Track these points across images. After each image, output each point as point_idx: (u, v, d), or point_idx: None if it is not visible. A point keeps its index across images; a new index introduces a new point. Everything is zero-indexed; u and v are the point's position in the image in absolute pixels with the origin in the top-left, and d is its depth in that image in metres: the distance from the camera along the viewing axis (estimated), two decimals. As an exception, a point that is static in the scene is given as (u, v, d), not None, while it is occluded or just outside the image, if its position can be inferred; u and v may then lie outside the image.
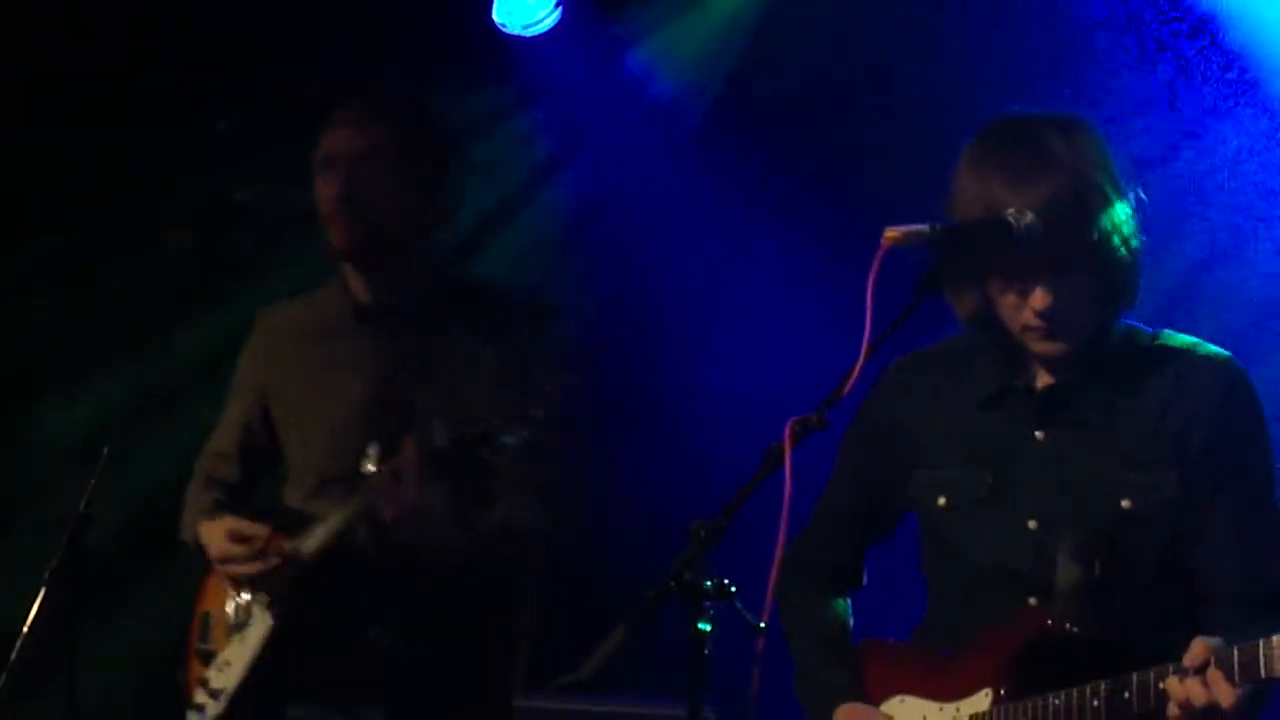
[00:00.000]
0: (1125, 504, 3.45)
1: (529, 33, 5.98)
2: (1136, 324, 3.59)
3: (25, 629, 3.95)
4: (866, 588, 3.89)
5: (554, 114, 6.19)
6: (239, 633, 4.52)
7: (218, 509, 4.58)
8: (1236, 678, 3.16)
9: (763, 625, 3.08)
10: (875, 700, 3.62)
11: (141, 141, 6.07)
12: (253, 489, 4.73)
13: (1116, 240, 3.40)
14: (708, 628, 3.08)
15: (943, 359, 3.70)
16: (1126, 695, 3.25)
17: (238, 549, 4.41)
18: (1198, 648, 3.21)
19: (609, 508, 5.90)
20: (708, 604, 3.09)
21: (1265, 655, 3.14)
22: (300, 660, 4.46)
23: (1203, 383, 3.49)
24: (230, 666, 4.51)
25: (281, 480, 4.66)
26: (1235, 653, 3.17)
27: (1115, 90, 5.29)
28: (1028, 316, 3.44)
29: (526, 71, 6.10)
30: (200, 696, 4.54)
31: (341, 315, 4.57)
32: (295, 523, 4.47)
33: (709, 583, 3.09)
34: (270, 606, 4.46)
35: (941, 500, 3.61)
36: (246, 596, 4.52)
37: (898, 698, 3.59)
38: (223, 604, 4.58)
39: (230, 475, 4.70)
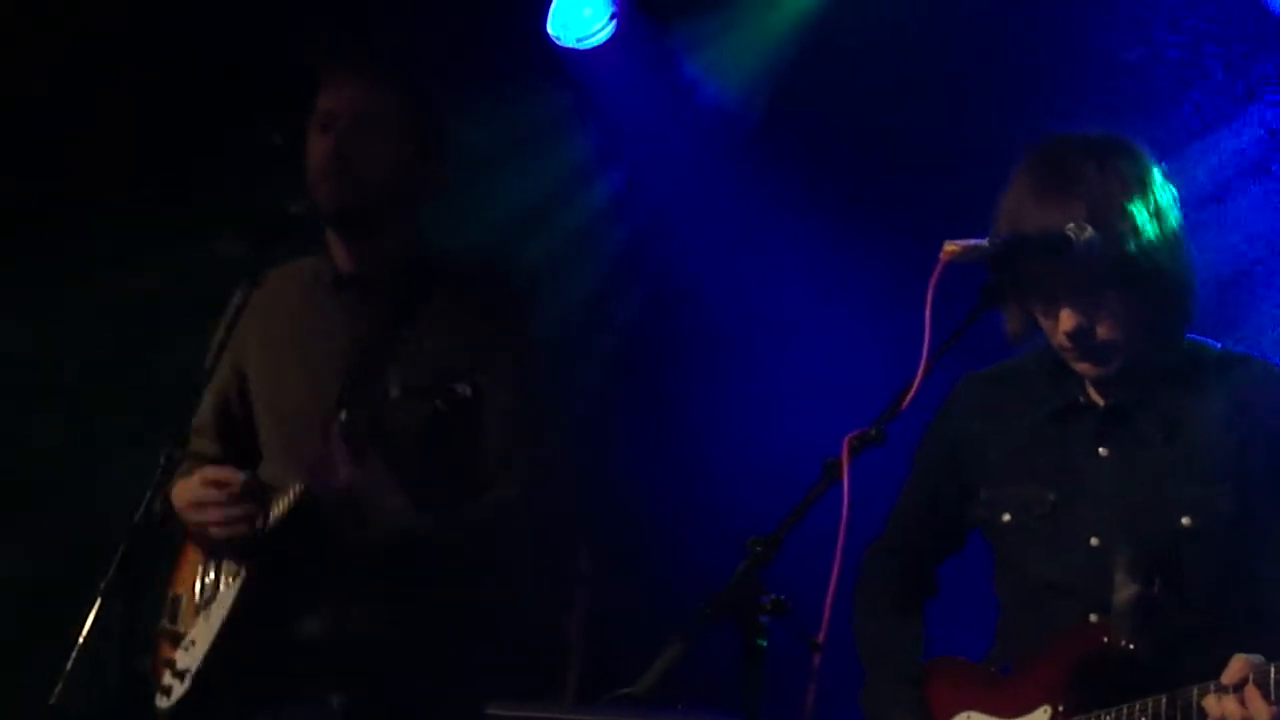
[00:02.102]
0: (1185, 521, 3.44)
1: (583, 45, 5.99)
2: (1201, 339, 3.58)
3: (81, 640, 3.94)
4: (954, 607, 3.88)
5: (606, 124, 6.18)
6: (204, 610, 4.41)
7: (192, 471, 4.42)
8: (1273, 695, 3.14)
9: (819, 642, 3.07)
10: (940, 717, 3.61)
11: (196, 150, 6.09)
12: (225, 461, 4.52)
13: (1147, 260, 3.39)
14: (764, 644, 3.07)
15: (1010, 376, 3.71)
16: (1172, 713, 3.24)
17: (212, 493, 4.27)
18: (1236, 664, 3.21)
19: (666, 521, 5.90)
20: (764, 620, 3.08)
21: None
22: (263, 638, 4.32)
23: (1265, 397, 3.48)
24: (195, 646, 4.39)
25: (257, 456, 4.52)
26: (1272, 670, 3.15)
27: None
28: (1060, 339, 3.45)
29: (579, 82, 6.10)
30: (167, 679, 4.43)
31: (321, 284, 4.44)
32: (265, 495, 4.33)
33: (765, 598, 3.08)
34: (235, 578, 4.33)
35: (1006, 517, 3.61)
36: (213, 574, 4.40)
37: (963, 714, 3.59)
38: (191, 585, 4.48)
39: (209, 450, 4.54)
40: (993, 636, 3.72)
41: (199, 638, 4.41)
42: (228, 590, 4.37)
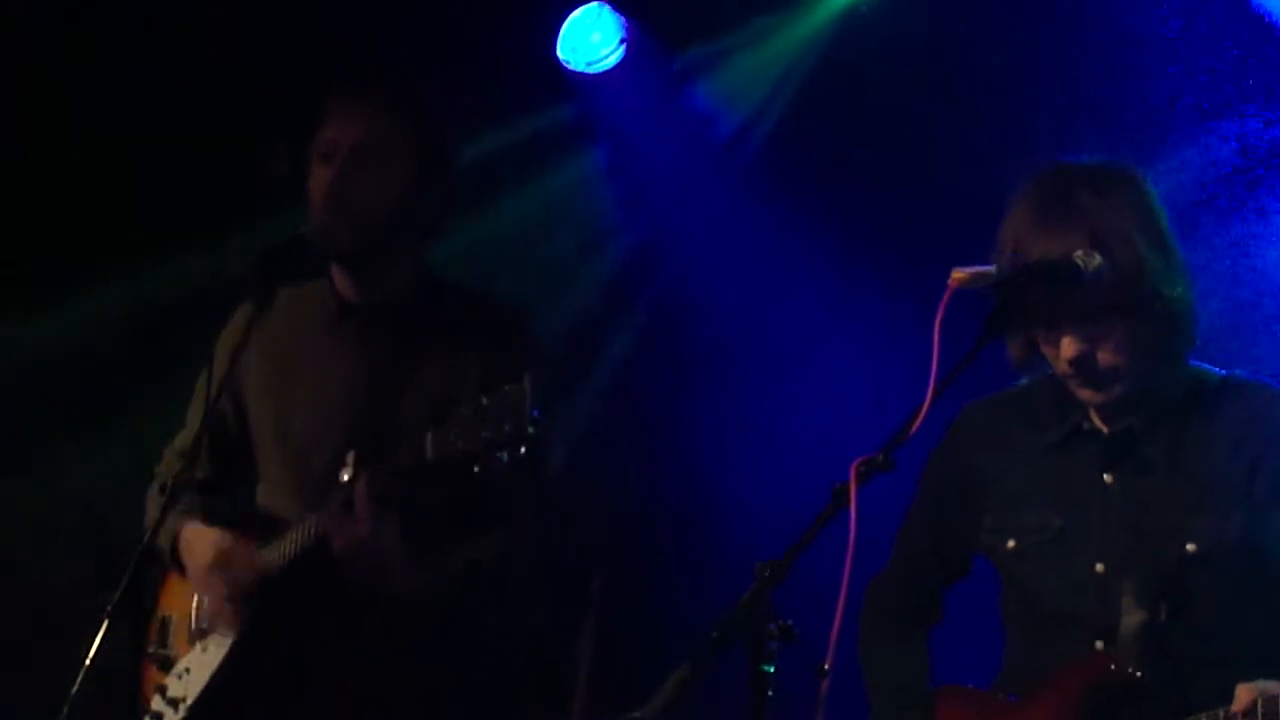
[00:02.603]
0: (1190, 548, 3.44)
1: (592, 69, 6.01)
2: (1205, 366, 3.58)
3: (87, 662, 3.93)
4: (960, 635, 3.88)
5: (614, 147, 6.20)
6: (201, 640, 4.37)
7: (192, 513, 4.38)
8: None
9: (826, 668, 3.07)
10: None
11: (207, 178, 6.10)
12: (220, 488, 4.52)
13: (1148, 288, 3.40)
14: (771, 669, 3.07)
15: (1015, 402, 3.72)
16: None
17: (225, 574, 4.24)
18: (1242, 693, 3.22)
19: (675, 546, 5.90)
20: (771, 645, 3.08)
21: None
22: (261, 677, 4.27)
23: (1270, 423, 3.49)
24: (190, 674, 4.34)
25: (252, 480, 4.47)
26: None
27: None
28: (1062, 367, 3.46)
29: (587, 105, 6.12)
30: (157, 703, 4.38)
31: (326, 313, 4.38)
32: (268, 527, 4.30)
33: (772, 624, 3.08)
34: (228, 619, 4.28)
35: (1011, 543, 3.62)
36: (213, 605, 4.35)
37: None
38: (185, 609, 4.43)
39: (200, 474, 4.47)
40: (999, 663, 3.72)
41: (194, 667, 4.36)
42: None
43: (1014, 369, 3.59)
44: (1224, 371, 3.60)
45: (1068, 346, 3.43)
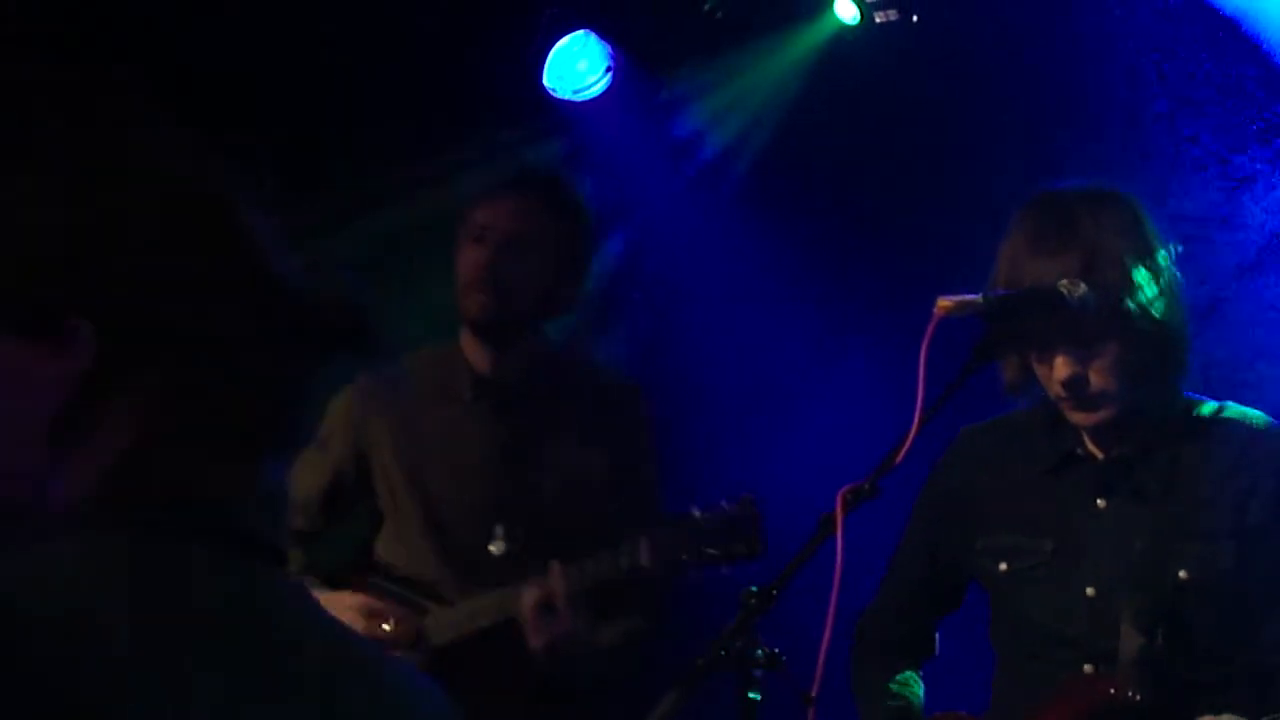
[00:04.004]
0: (1182, 575, 3.45)
1: (579, 98, 6.02)
2: (1199, 396, 3.60)
3: None
4: (952, 662, 3.88)
5: (599, 175, 6.21)
6: None
7: (312, 571, 4.52)
8: None
9: (813, 696, 3.07)
10: None
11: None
12: (321, 540, 4.65)
13: (1142, 312, 3.42)
14: (757, 697, 3.07)
15: (1009, 428, 3.73)
16: None
17: (374, 629, 4.36)
18: None
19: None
20: (758, 673, 3.09)
21: None
22: None
23: (1264, 454, 3.50)
24: None
25: (368, 532, 4.61)
26: None
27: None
28: (1055, 389, 3.47)
29: (574, 133, 6.13)
30: None
31: (458, 382, 4.55)
32: (401, 587, 4.45)
33: (759, 651, 3.08)
34: None
35: (1003, 566, 3.62)
36: None
37: None
38: None
39: (299, 525, 4.60)
40: (987, 689, 3.72)
41: None
42: None
43: (1008, 391, 3.60)
44: (1218, 402, 3.61)
45: (1061, 368, 3.44)
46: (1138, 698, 3.40)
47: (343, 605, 4.41)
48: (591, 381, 4.61)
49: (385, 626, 4.39)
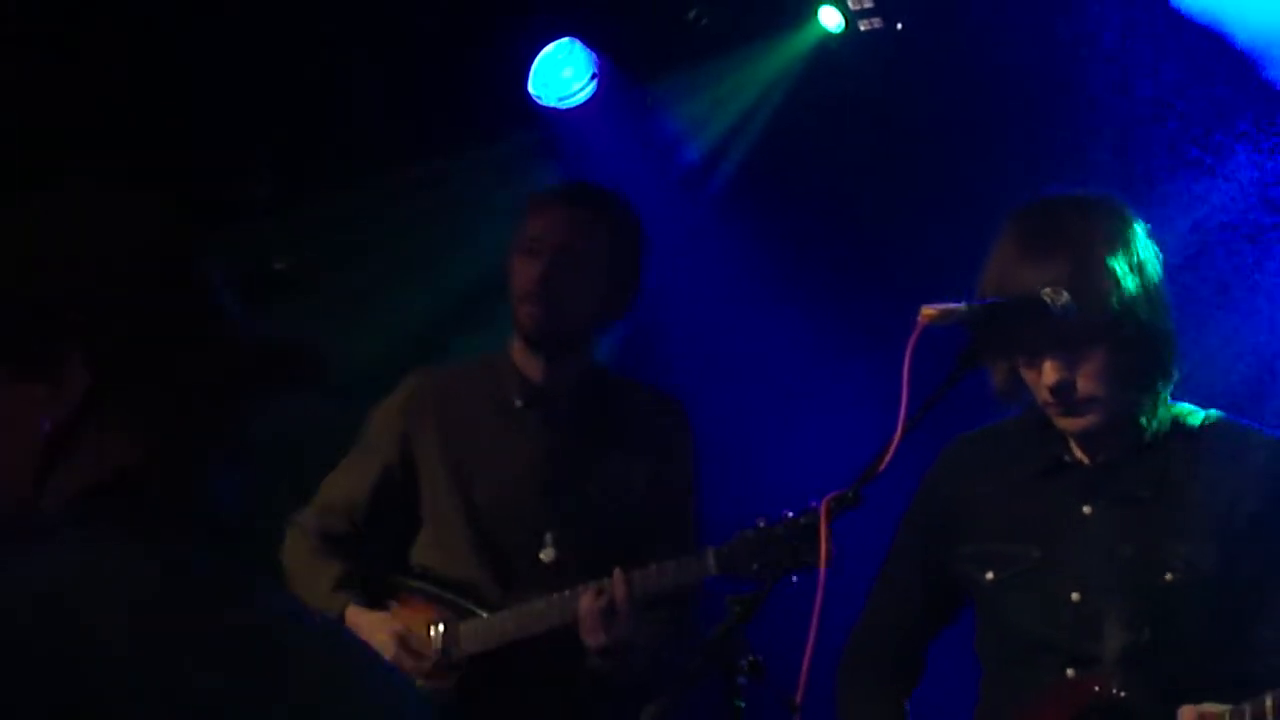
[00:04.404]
0: (1169, 577, 3.46)
1: (564, 105, 6.03)
2: (1187, 405, 3.61)
3: None
4: (936, 677, 3.88)
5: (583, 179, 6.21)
6: None
7: (349, 585, 4.54)
8: None
9: (798, 702, 3.08)
10: None
11: (185, 203, 6.07)
12: (362, 544, 4.65)
13: (1130, 317, 3.43)
14: (742, 704, 3.08)
15: (994, 438, 3.74)
16: None
17: (405, 659, 4.39)
18: (1185, 715, 3.26)
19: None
20: (743, 681, 3.10)
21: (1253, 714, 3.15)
22: None
23: (1253, 461, 3.52)
24: None
25: (406, 536, 4.62)
26: (1228, 714, 3.19)
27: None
28: (1044, 394, 3.48)
29: (559, 140, 6.14)
30: None
31: (508, 391, 4.58)
32: (445, 591, 4.49)
33: (744, 659, 3.09)
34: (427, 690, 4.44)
35: (989, 574, 3.62)
36: None
37: None
38: None
39: (342, 528, 4.62)
40: (972, 700, 3.73)
41: None
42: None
43: (998, 397, 3.60)
44: (1205, 410, 3.63)
45: (1049, 373, 3.45)
46: (1123, 694, 3.42)
47: (377, 627, 4.45)
48: (638, 395, 4.67)
49: (431, 636, 4.42)
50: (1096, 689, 3.44)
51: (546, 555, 4.44)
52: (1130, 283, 3.44)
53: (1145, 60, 5.32)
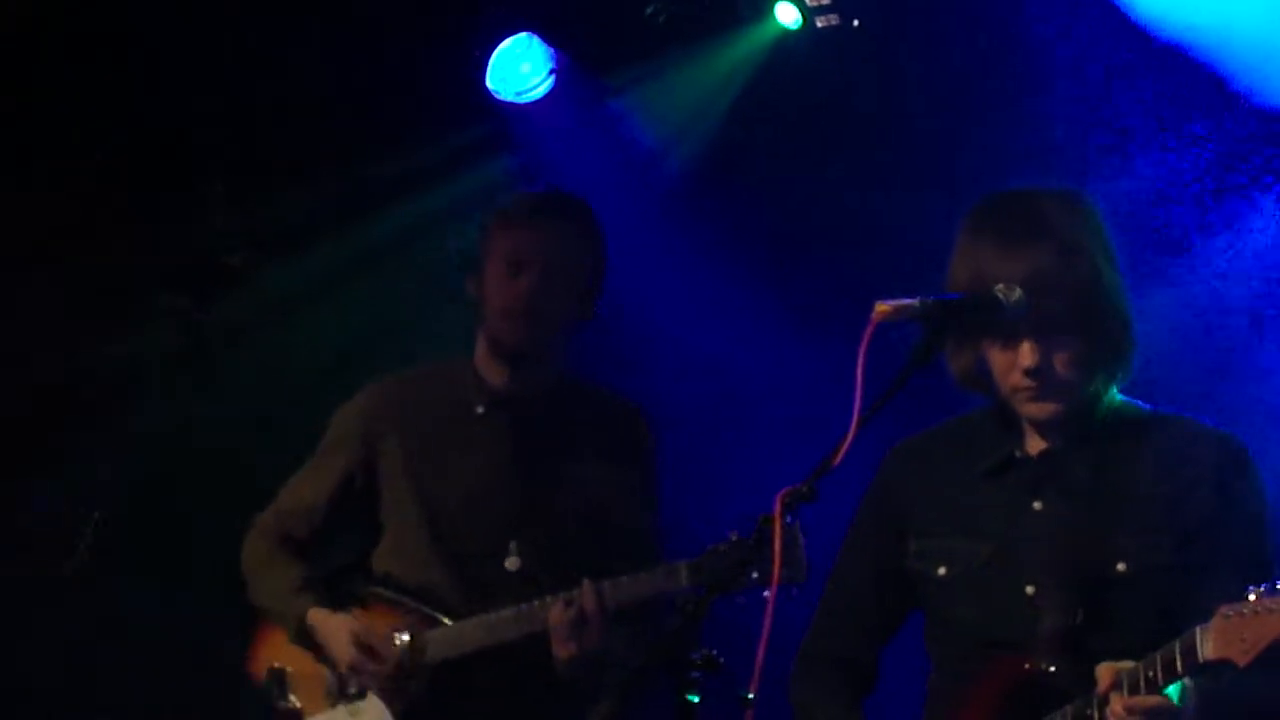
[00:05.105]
0: (1120, 567, 3.48)
1: (522, 99, 6.03)
2: (1133, 400, 3.63)
3: None
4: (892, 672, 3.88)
5: (543, 176, 6.21)
6: (349, 704, 4.50)
7: (311, 588, 4.54)
8: (1142, 689, 3.21)
9: (750, 697, 3.09)
10: None
11: (139, 199, 6.06)
12: (322, 549, 4.66)
13: (1104, 308, 3.46)
14: (696, 699, 3.09)
15: (943, 437, 3.75)
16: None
17: (367, 662, 4.40)
18: (1104, 672, 3.29)
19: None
20: (696, 675, 3.10)
21: (1164, 661, 3.20)
22: None
23: (1204, 453, 3.53)
24: None
25: (368, 542, 4.62)
26: (1142, 668, 3.23)
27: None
28: (1016, 378, 3.49)
29: (517, 135, 6.13)
30: None
31: (469, 397, 4.56)
32: (406, 597, 4.48)
33: (697, 654, 3.09)
34: (388, 699, 4.45)
35: (941, 570, 3.63)
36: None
37: None
38: (310, 666, 4.55)
39: (302, 532, 4.62)
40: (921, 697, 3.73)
41: None
42: (379, 702, 4.46)
43: (958, 383, 3.60)
44: (1150, 405, 3.65)
45: (1027, 354, 3.45)
46: (1051, 669, 3.44)
47: (340, 629, 4.45)
48: (600, 403, 4.64)
49: (395, 644, 4.41)
50: (1027, 666, 3.46)
51: (511, 563, 4.43)
52: (1109, 274, 3.47)
53: (1098, 54, 5.35)
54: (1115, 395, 3.60)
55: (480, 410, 4.54)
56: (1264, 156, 5.27)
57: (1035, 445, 3.60)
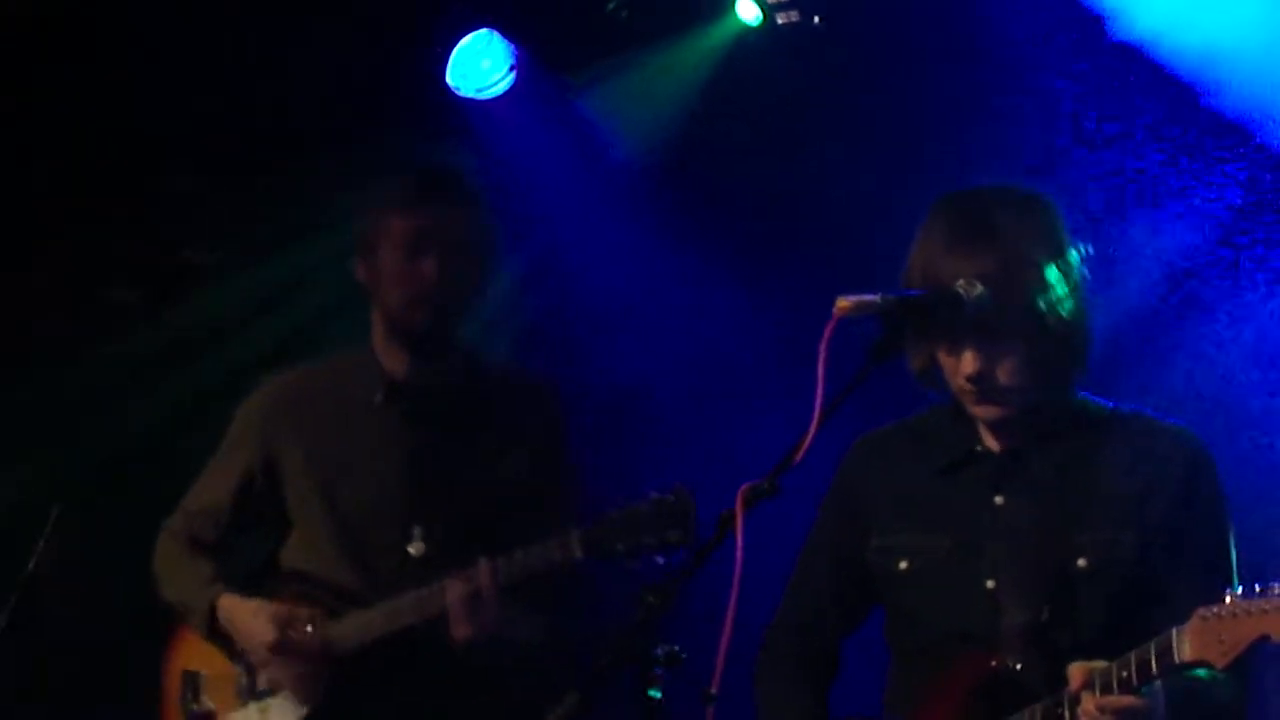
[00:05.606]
0: (1081, 563, 3.50)
1: (482, 95, 6.02)
2: (1094, 397, 3.64)
3: None
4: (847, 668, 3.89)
5: (504, 174, 6.21)
6: (258, 701, 4.47)
7: (220, 580, 4.50)
8: (1115, 689, 3.22)
9: (713, 693, 3.09)
10: None
11: (94, 193, 6.03)
12: (230, 547, 4.62)
13: (1052, 313, 3.47)
14: (658, 695, 3.08)
15: (906, 432, 3.77)
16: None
17: (292, 647, 4.36)
18: (1075, 672, 3.29)
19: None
20: (658, 671, 3.10)
21: (1139, 661, 3.20)
22: None
23: (1165, 450, 3.56)
24: None
25: (275, 541, 4.59)
26: (1115, 667, 3.23)
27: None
28: (960, 381, 3.51)
29: (477, 130, 6.12)
30: None
31: (369, 388, 4.50)
32: (319, 595, 4.44)
33: (660, 649, 3.09)
34: (299, 693, 4.41)
35: (902, 565, 3.64)
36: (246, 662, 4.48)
37: None
38: (221, 667, 4.52)
39: (209, 534, 4.59)
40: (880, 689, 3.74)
41: None
42: (287, 697, 4.43)
43: (915, 381, 3.62)
44: (1112, 403, 3.66)
45: (968, 362, 3.48)
46: (1018, 666, 3.46)
47: (254, 613, 4.40)
48: (505, 381, 4.59)
49: (309, 629, 4.36)
50: (993, 663, 3.47)
51: (415, 549, 4.38)
52: (1055, 279, 3.47)
53: (1062, 50, 5.37)
54: (1074, 393, 3.61)
55: (379, 399, 4.48)
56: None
57: (994, 442, 3.61)
